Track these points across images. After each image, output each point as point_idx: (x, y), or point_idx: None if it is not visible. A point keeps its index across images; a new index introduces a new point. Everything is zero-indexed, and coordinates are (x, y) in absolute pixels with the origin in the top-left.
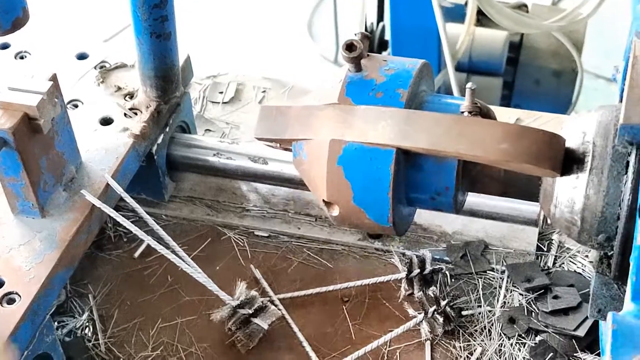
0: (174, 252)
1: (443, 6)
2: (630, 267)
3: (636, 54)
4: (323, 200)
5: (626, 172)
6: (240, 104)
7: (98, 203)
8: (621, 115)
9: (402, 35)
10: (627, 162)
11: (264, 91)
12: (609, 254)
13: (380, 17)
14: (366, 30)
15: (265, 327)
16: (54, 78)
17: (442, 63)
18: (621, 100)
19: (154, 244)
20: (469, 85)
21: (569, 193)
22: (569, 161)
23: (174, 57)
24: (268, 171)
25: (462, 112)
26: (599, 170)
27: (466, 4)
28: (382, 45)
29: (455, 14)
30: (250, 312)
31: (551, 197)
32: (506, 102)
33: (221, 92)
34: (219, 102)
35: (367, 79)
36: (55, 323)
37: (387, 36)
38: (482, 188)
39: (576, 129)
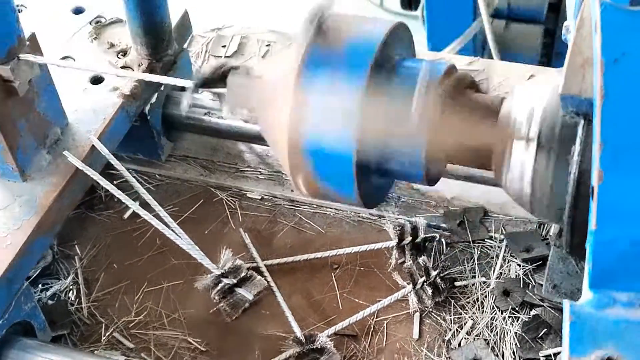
0: (153, 213)
1: None
2: (587, 254)
3: (584, 16)
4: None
5: (574, 144)
6: (243, 59)
7: (81, 165)
8: (561, 84)
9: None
10: (575, 133)
11: (268, 45)
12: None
13: None
14: None
15: (250, 297)
16: (32, 39)
17: (478, 10)
18: None
19: (139, 210)
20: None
21: (519, 164)
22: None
23: (163, 13)
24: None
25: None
26: (548, 141)
27: None
28: None
29: None
30: (235, 281)
31: (501, 168)
32: (548, 50)
33: (224, 46)
34: (221, 57)
35: (330, 46)
36: (40, 286)
37: None
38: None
39: (528, 94)
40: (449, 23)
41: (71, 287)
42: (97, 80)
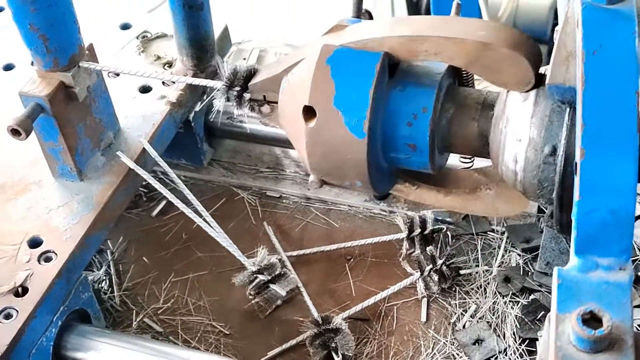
0: (201, 216)
1: None
2: (573, 223)
3: (568, 16)
4: (303, 110)
5: (560, 130)
6: None
7: (133, 165)
8: (547, 76)
9: (442, 3)
10: (562, 120)
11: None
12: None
13: None
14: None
15: (283, 294)
16: (90, 48)
17: None
18: None
19: (188, 211)
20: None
21: (512, 151)
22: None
23: (208, 28)
24: (282, 133)
25: None
26: (539, 129)
27: None
28: (429, 13)
29: None
30: (269, 278)
31: (497, 154)
32: None
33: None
34: None
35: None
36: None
37: None
38: (456, 148)
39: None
40: None
41: (104, 278)
42: (145, 89)
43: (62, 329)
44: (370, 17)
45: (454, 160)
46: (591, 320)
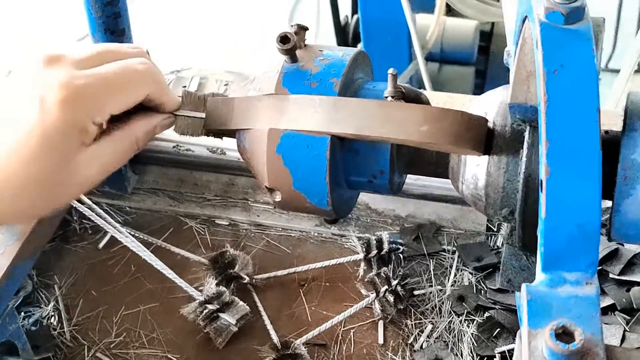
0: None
1: None
2: (538, 240)
3: (525, 37)
4: (265, 186)
5: (522, 148)
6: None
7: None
8: (509, 95)
9: (372, 27)
10: (523, 139)
11: (226, 84)
12: (515, 226)
13: (354, 10)
14: (340, 23)
15: (234, 322)
16: None
17: (413, 54)
18: None
19: (116, 234)
20: (390, 70)
21: (473, 170)
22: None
23: None
24: (228, 161)
25: (386, 97)
26: (499, 147)
27: None
28: (357, 38)
29: (427, 4)
30: (218, 307)
31: (458, 174)
32: (479, 90)
33: (184, 87)
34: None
35: (302, 69)
36: (22, 313)
37: None
38: (417, 170)
39: (479, 108)
40: (386, 68)
41: (52, 313)
42: None
43: None
44: (305, 29)
45: None
46: (563, 334)
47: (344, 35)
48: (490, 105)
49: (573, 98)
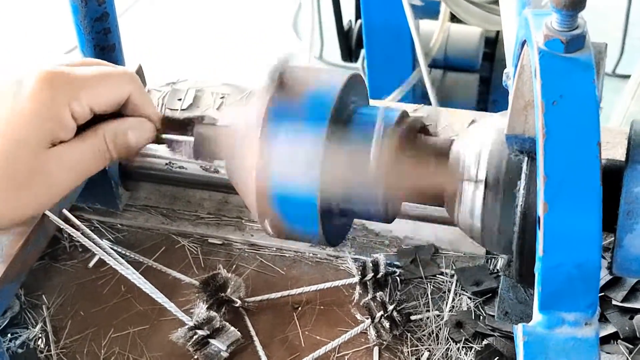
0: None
1: (415, 4)
2: (536, 279)
3: (523, 63)
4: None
5: (519, 180)
6: (199, 111)
7: (55, 219)
8: (505, 127)
9: (375, 33)
10: (520, 170)
11: (222, 97)
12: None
13: (358, 15)
14: (343, 29)
15: (224, 348)
16: None
17: (416, 60)
18: None
19: (104, 256)
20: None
21: (470, 202)
22: (468, 173)
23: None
24: (221, 179)
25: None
26: (496, 178)
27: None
28: (360, 44)
29: (431, 11)
30: (208, 332)
31: (453, 204)
32: (483, 97)
33: (180, 99)
34: (177, 109)
35: (291, 98)
36: (9, 335)
37: None
38: (410, 200)
39: (475, 137)
40: (389, 74)
41: (40, 335)
42: None
43: None
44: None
45: None
46: None
47: (347, 40)
48: (488, 133)
49: (573, 131)
